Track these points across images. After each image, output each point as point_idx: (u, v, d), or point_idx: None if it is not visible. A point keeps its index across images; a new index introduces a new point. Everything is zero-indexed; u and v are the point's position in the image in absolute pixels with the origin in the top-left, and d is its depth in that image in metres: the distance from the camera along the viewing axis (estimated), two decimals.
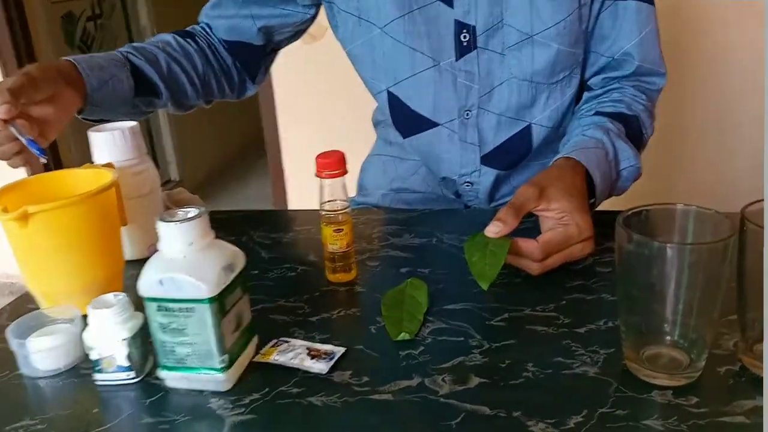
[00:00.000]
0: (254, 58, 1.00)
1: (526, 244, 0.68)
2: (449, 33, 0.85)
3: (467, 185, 0.95)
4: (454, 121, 0.91)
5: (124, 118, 0.87)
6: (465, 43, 0.86)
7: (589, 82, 0.93)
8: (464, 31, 0.85)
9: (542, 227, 0.72)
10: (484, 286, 0.63)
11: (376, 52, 0.90)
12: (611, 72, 0.90)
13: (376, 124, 1.08)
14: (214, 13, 0.97)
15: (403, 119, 0.94)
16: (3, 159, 0.72)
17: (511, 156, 0.93)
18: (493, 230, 0.67)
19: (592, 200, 0.78)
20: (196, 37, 0.97)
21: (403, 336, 0.61)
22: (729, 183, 1.85)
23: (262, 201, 3.20)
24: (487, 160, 0.93)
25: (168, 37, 0.95)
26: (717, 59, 1.78)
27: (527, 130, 0.91)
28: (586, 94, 0.94)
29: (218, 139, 3.72)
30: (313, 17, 0.97)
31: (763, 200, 0.53)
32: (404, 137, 0.96)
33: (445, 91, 0.89)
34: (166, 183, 3.36)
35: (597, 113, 0.87)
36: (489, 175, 0.93)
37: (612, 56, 0.89)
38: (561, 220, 0.70)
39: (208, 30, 0.98)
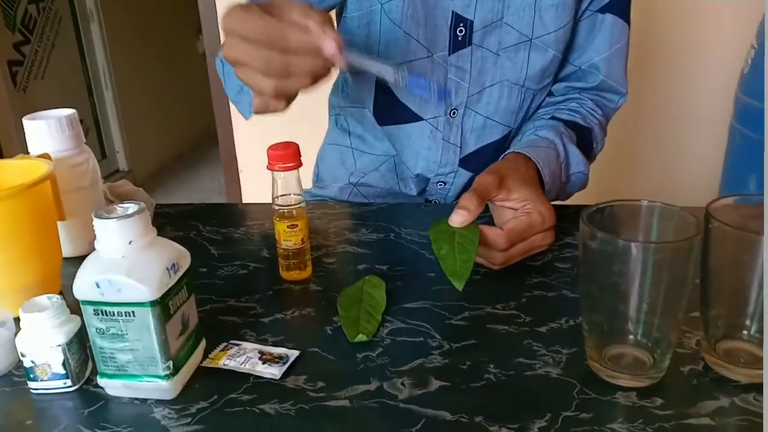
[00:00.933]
0: None
1: (491, 232, 0.66)
2: (445, 24, 0.83)
3: (440, 185, 0.93)
4: (439, 118, 0.88)
5: None
6: (460, 38, 0.83)
7: (551, 88, 0.93)
8: (461, 24, 0.82)
9: (500, 218, 0.71)
10: (459, 286, 0.59)
11: (372, 28, 0.85)
12: (575, 81, 0.90)
13: (333, 106, 1.04)
14: None
15: (387, 106, 0.91)
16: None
17: (488, 159, 0.90)
18: (458, 219, 0.64)
19: None
20: None
21: (361, 337, 0.58)
22: (684, 181, 1.88)
23: (217, 194, 3.13)
24: (464, 162, 0.91)
25: None
26: (668, 54, 1.80)
27: (508, 134, 0.90)
28: (546, 99, 0.93)
29: (170, 128, 3.62)
30: None
31: (727, 197, 0.52)
32: (381, 124, 0.93)
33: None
34: (114, 173, 3.25)
35: (553, 118, 0.87)
36: (464, 177, 0.92)
37: (579, 66, 0.88)
38: (524, 209, 0.68)
39: None
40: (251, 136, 2.12)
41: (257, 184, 2.14)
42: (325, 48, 0.56)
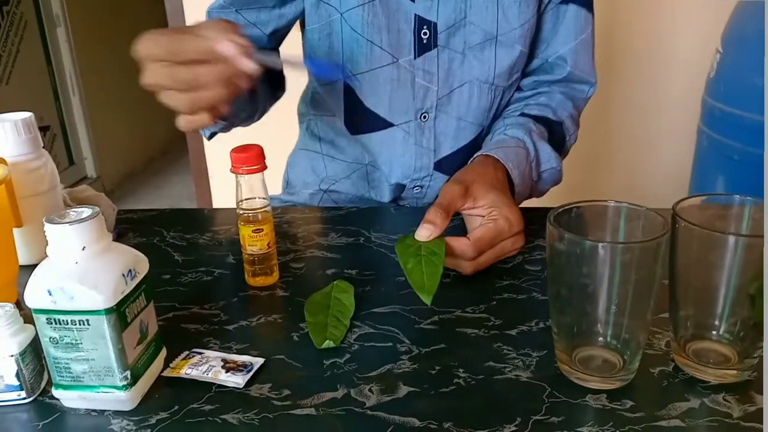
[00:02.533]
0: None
1: (458, 243, 0.65)
2: (409, 29, 0.81)
3: (417, 189, 0.92)
4: (410, 123, 0.87)
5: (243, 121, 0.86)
6: (425, 41, 0.82)
7: (520, 83, 0.92)
8: (425, 27, 0.81)
9: (470, 225, 0.70)
10: (427, 301, 0.58)
11: (335, 37, 0.84)
12: (543, 75, 0.90)
13: (304, 114, 1.03)
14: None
15: (357, 115, 0.89)
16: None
17: (464, 160, 0.89)
18: (424, 234, 0.63)
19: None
20: None
21: (328, 344, 0.57)
22: (654, 184, 1.90)
23: (188, 201, 3.08)
24: (439, 165, 0.90)
25: None
26: (634, 59, 1.82)
27: (481, 133, 0.89)
28: (515, 94, 0.93)
29: (139, 133, 3.56)
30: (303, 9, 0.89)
31: (693, 197, 0.52)
32: (353, 133, 0.91)
33: (401, 91, 0.85)
34: (82, 180, 3.19)
35: (522, 114, 0.86)
36: (439, 180, 0.91)
37: (546, 59, 0.88)
38: (490, 216, 0.67)
39: None
40: (221, 142, 2.09)
41: (229, 191, 2.11)
42: (222, 50, 0.57)
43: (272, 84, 0.89)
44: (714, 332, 0.51)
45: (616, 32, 1.78)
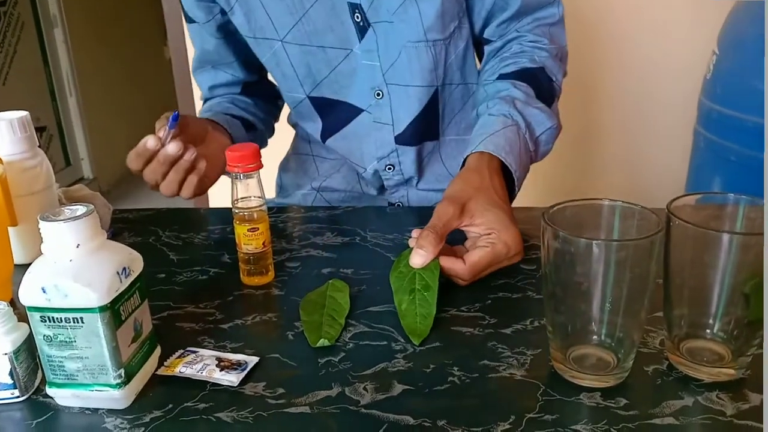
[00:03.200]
0: (263, 89, 1.02)
1: (454, 267, 0.64)
2: (348, 18, 0.83)
3: (389, 168, 0.92)
4: (372, 105, 0.88)
5: None
6: (361, 23, 0.83)
7: (485, 34, 0.89)
8: (356, 11, 0.82)
9: (468, 242, 0.69)
10: (416, 341, 0.57)
11: (283, 65, 0.87)
12: (501, 15, 0.86)
13: (294, 125, 1.04)
14: (208, 86, 0.99)
15: (334, 116, 0.91)
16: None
17: (422, 127, 0.89)
18: (417, 261, 0.63)
19: (514, 193, 0.77)
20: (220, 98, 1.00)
21: (323, 342, 0.57)
22: (650, 185, 1.90)
23: (184, 203, 3.07)
24: (401, 138, 0.90)
25: (214, 100, 0.99)
26: (631, 59, 1.82)
27: (435, 95, 0.88)
28: (486, 49, 0.90)
29: (136, 134, 3.53)
30: None
31: (688, 196, 0.52)
32: (327, 138, 0.93)
33: (357, 76, 0.87)
34: (78, 181, 3.19)
35: (500, 76, 0.84)
36: (408, 153, 0.91)
37: None
38: (488, 238, 0.66)
39: (219, 96, 1.00)
40: None
41: (225, 191, 2.11)
42: (148, 144, 0.77)
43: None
44: (708, 331, 0.51)
45: (611, 33, 1.79)
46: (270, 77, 1.00)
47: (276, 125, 1.08)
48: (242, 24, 0.85)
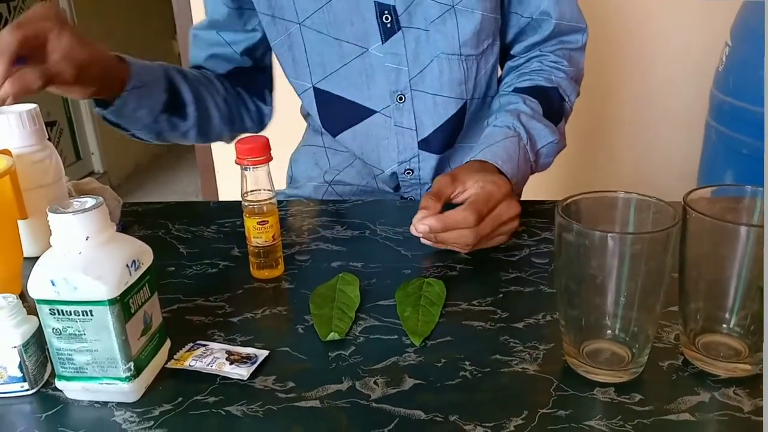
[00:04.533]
0: (254, 78, 0.98)
1: (456, 213, 0.66)
2: (372, 17, 0.82)
3: (408, 173, 0.92)
4: (389, 107, 0.87)
5: (140, 130, 0.84)
6: (389, 25, 0.82)
7: (511, 51, 0.91)
8: (386, 12, 0.81)
9: None
10: (416, 342, 0.56)
11: (296, 49, 0.86)
12: (532, 35, 0.89)
13: (306, 115, 1.04)
14: (199, 55, 0.95)
15: (336, 113, 0.90)
16: None
17: (447, 136, 0.90)
18: (418, 217, 0.66)
19: None
20: (205, 70, 0.95)
21: (333, 336, 0.57)
22: (662, 178, 1.88)
23: (194, 196, 3.08)
24: (424, 144, 0.90)
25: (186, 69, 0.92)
26: (642, 52, 1.80)
27: (463, 107, 0.89)
28: (508, 64, 0.92)
29: None
30: None
31: (704, 188, 0.51)
32: (335, 135, 0.92)
33: (375, 77, 0.86)
34: (88, 175, 3.19)
35: (515, 90, 0.86)
36: (429, 159, 0.91)
37: (530, 17, 0.87)
38: (477, 186, 0.70)
39: (201, 69, 0.95)
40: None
41: (235, 185, 2.11)
42: None
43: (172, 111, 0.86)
44: (724, 325, 0.50)
45: (624, 25, 1.77)
46: (268, 65, 0.98)
47: (288, 116, 1.07)
48: (263, 0, 0.84)
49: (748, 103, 1.29)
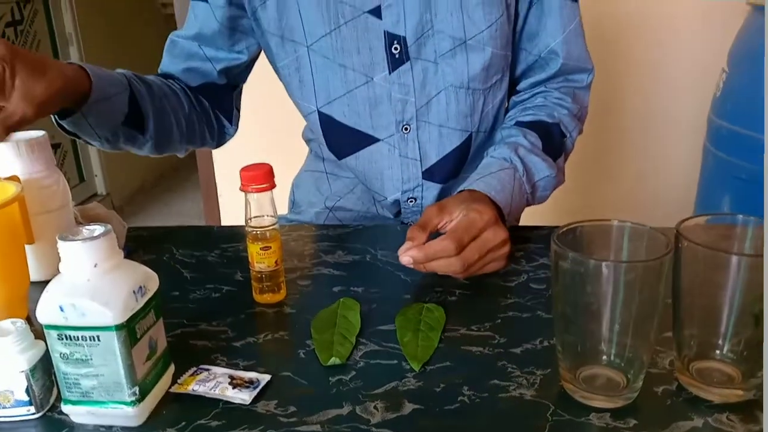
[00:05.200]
0: (224, 96, 0.97)
1: (436, 243, 0.66)
2: (380, 46, 0.83)
3: (411, 201, 0.93)
4: (394, 136, 0.88)
5: (97, 141, 0.82)
6: (397, 55, 0.83)
7: (518, 86, 0.93)
8: (395, 42, 0.82)
9: None
10: (416, 367, 0.57)
11: (303, 71, 0.87)
12: (539, 73, 0.90)
13: (308, 140, 1.05)
14: (173, 63, 0.93)
15: (340, 138, 0.91)
16: None
17: (452, 167, 0.91)
18: (404, 248, 0.67)
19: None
20: (173, 81, 0.92)
21: (334, 361, 0.57)
22: (660, 203, 1.90)
23: (197, 218, 3.10)
24: (428, 174, 0.91)
25: (151, 76, 0.90)
26: (641, 79, 1.83)
27: (468, 139, 0.90)
28: (513, 99, 0.93)
29: None
30: (260, 50, 0.94)
31: (697, 217, 0.53)
32: (340, 158, 0.93)
33: (381, 107, 0.87)
34: (92, 197, 3.22)
35: (516, 123, 0.87)
36: (432, 189, 0.92)
37: (538, 55, 0.88)
38: (461, 215, 0.70)
39: (172, 79, 0.93)
40: (230, 161, 2.10)
41: (237, 209, 2.12)
42: None
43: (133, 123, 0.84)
44: (718, 352, 0.51)
45: (621, 49, 1.80)
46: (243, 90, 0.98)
47: (290, 140, 1.07)
48: (272, 20, 0.84)
49: (746, 128, 1.31)
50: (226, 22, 0.88)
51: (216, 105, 0.96)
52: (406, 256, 0.67)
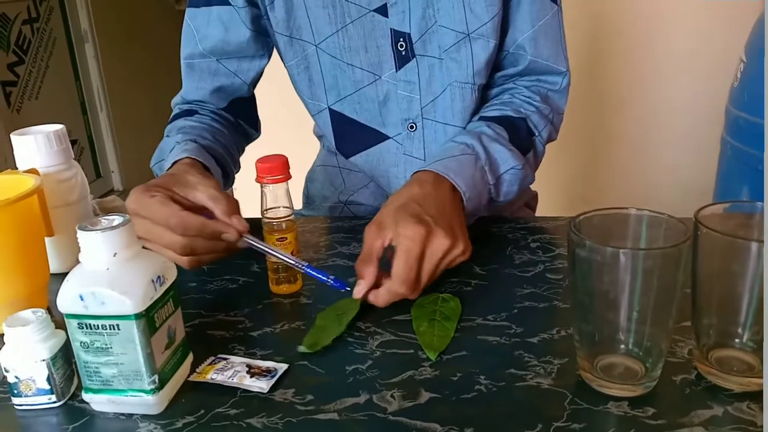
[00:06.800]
0: (249, 107, 0.96)
1: (385, 288, 0.63)
2: (387, 44, 0.82)
3: None
4: (401, 134, 0.88)
5: None
6: (403, 53, 0.83)
7: (488, 81, 0.90)
8: (401, 39, 0.82)
9: None
10: (432, 356, 0.57)
11: (313, 70, 0.86)
12: (508, 68, 0.88)
13: (320, 136, 1.05)
14: (199, 89, 0.89)
15: (350, 136, 0.90)
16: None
17: None
18: (358, 290, 0.63)
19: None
20: (201, 113, 0.90)
21: (303, 349, 0.58)
22: (678, 194, 1.88)
23: None
24: None
25: (193, 122, 0.87)
26: (656, 67, 1.81)
27: None
28: (484, 93, 0.91)
29: None
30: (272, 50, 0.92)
31: (716, 204, 0.52)
32: (347, 157, 0.92)
33: (389, 104, 0.86)
34: (108, 192, 3.24)
35: (481, 118, 0.84)
36: None
37: (507, 50, 0.86)
38: (394, 242, 0.64)
39: (200, 104, 0.91)
40: (246, 154, 2.12)
41: (252, 201, 2.13)
42: (229, 239, 0.64)
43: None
44: (737, 340, 0.51)
45: (636, 40, 1.78)
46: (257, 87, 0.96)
47: (302, 136, 1.07)
48: (281, 20, 0.83)
49: (764, 118, 1.29)
50: (252, 26, 0.85)
51: (242, 117, 0.95)
52: (358, 291, 0.64)
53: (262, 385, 0.53)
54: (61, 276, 0.50)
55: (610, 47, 1.78)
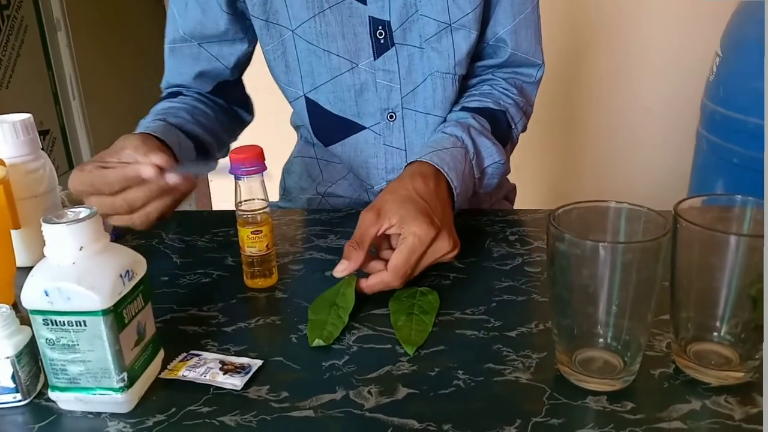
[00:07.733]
0: (236, 90, 0.95)
1: (378, 278, 0.63)
2: (365, 31, 0.81)
3: None
4: (379, 124, 0.87)
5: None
6: (382, 41, 0.82)
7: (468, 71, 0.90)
8: (380, 27, 0.81)
9: (395, 243, 0.68)
10: (410, 351, 0.56)
11: (289, 55, 0.85)
12: (487, 59, 0.88)
13: (297, 127, 1.03)
14: (183, 71, 0.89)
15: (326, 125, 0.89)
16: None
17: None
18: (339, 269, 0.63)
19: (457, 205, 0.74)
20: (185, 94, 0.90)
21: (318, 342, 0.57)
22: (654, 187, 1.90)
23: (187, 204, 3.07)
24: None
25: (175, 103, 0.87)
26: (632, 62, 1.82)
27: None
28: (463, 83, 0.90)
29: None
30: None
31: (694, 197, 0.52)
32: (327, 145, 0.91)
33: (366, 94, 0.85)
34: None
35: (463, 108, 0.84)
36: None
37: (487, 41, 0.86)
38: (402, 237, 0.64)
39: (185, 87, 0.91)
40: None
41: (229, 194, 2.10)
42: (144, 174, 0.63)
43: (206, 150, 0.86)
44: (715, 334, 0.51)
45: (613, 34, 1.79)
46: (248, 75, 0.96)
47: (279, 126, 1.06)
48: (257, 4, 0.81)
49: (740, 112, 1.30)
50: (229, 9, 0.83)
51: (231, 101, 0.95)
52: (338, 268, 0.64)
53: (235, 382, 0.52)
54: (28, 270, 0.49)
55: (588, 41, 1.79)
